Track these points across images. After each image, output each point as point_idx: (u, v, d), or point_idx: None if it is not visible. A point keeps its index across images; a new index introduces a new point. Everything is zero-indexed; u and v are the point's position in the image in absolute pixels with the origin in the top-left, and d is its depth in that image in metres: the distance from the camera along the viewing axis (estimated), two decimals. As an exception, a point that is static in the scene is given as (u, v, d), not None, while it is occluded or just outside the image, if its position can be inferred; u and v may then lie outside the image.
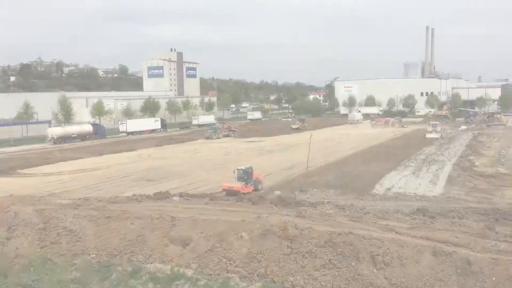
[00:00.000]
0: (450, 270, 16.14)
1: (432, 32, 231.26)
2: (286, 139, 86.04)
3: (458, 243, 18.35)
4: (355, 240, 17.91)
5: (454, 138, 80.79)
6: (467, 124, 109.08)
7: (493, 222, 26.98)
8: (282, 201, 32.13)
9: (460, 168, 48.70)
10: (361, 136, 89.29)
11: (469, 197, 36.38)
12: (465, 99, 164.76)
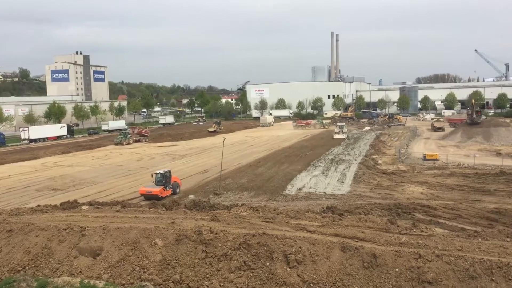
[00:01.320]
0: (358, 264, 16.93)
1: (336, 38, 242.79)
2: (199, 143, 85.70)
3: (365, 238, 19.30)
4: (268, 240, 18.24)
5: (359, 138, 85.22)
6: (371, 125, 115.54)
7: (395, 216, 28.90)
8: (197, 205, 32.00)
9: (365, 167, 51.46)
10: (273, 138, 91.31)
11: (373, 194, 38.55)
12: (368, 101, 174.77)
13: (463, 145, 70.01)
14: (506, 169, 47.74)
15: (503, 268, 15.30)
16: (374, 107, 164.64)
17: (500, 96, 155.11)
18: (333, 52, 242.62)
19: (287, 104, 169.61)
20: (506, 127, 77.06)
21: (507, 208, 32.25)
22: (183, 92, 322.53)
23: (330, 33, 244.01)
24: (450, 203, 33.98)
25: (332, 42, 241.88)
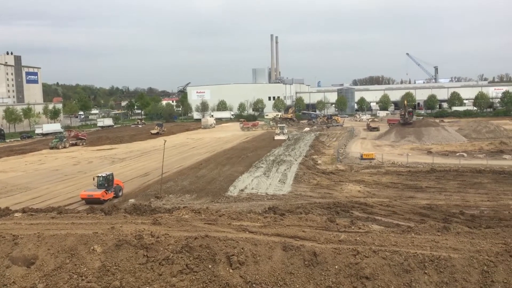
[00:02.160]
0: (299, 262, 17.22)
1: (276, 40, 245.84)
2: (139, 146, 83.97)
3: (305, 237, 19.68)
4: (211, 242, 18.19)
5: (299, 139, 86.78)
6: (310, 126, 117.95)
7: (334, 214, 29.70)
8: (137, 209, 31.39)
9: (305, 167, 52.49)
10: (215, 140, 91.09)
11: (313, 193, 39.42)
12: (308, 103, 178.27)
13: (397, 145, 73.07)
14: (436, 167, 50.33)
15: (434, 261, 16.08)
16: (313, 108, 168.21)
17: (430, 97, 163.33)
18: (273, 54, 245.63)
19: (228, 106, 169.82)
20: (436, 127, 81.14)
21: (438, 204, 34.07)
22: (122, 94, 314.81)
23: (270, 35, 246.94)
24: (385, 201, 35.37)
25: (272, 44, 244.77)
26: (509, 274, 14.94)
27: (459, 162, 52.51)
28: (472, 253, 16.47)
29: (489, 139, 75.78)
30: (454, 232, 19.81)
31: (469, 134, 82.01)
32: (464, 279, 15.13)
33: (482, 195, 37.13)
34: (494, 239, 18.28)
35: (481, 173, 46.13)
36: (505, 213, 31.05)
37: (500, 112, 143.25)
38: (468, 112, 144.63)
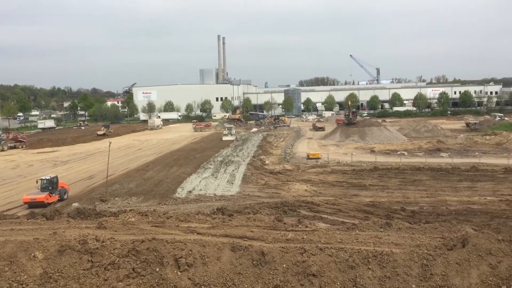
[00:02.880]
0: (247, 262, 17.32)
1: (223, 41, 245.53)
2: (83, 148, 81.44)
3: (254, 237, 19.81)
4: (158, 245, 17.96)
5: (247, 139, 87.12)
6: (258, 126, 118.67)
7: (282, 214, 30.08)
8: (81, 214, 30.47)
9: (253, 167, 52.80)
10: (162, 141, 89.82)
11: (261, 193, 39.74)
12: (255, 103, 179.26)
13: (342, 144, 74.94)
14: (379, 165, 52.03)
15: (377, 256, 16.62)
16: (261, 109, 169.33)
17: (373, 98, 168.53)
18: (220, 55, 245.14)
19: (175, 107, 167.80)
20: (378, 126, 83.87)
21: (381, 201, 35.26)
22: (65, 94, 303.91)
23: (217, 36, 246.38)
24: (331, 199, 36.20)
25: (219, 45, 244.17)
26: (446, 266, 15.69)
27: (400, 161, 54.54)
28: (412, 248, 17.17)
29: (428, 138, 79.26)
30: (396, 228, 20.56)
31: (409, 133, 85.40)
32: (405, 272, 15.75)
33: (422, 191, 38.76)
34: (432, 234, 19.14)
35: (420, 171, 48.14)
36: (443, 209, 32.58)
37: (437, 112, 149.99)
38: (408, 112, 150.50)
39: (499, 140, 69.45)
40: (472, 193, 37.43)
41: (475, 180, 42.72)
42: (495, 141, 69.69)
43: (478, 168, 48.33)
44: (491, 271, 15.28)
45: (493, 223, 28.38)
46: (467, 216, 30.43)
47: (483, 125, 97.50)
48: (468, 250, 16.19)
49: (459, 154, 59.06)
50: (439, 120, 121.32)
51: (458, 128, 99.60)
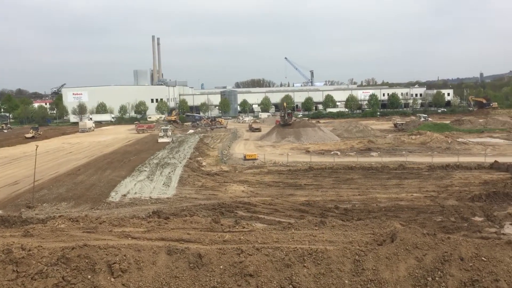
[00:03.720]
0: (184, 265, 17.13)
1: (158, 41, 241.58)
2: (6, 152, 77.01)
3: (190, 239, 19.63)
4: (90, 252, 17.35)
5: (184, 141, 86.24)
6: (194, 128, 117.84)
7: (219, 215, 30.01)
8: (5, 222, 28.84)
9: (190, 169, 52.32)
10: (94, 144, 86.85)
11: (198, 195, 39.46)
12: (191, 105, 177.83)
13: (278, 145, 76.03)
14: (313, 165, 53.27)
15: (312, 254, 17.00)
16: (197, 110, 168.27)
17: (307, 100, 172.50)
18: (155, 56, 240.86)
19: (108, 108, 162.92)
20: (313, 127, 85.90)
21: (315, 200, 36.10)
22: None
23: (152, 36, 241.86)
24: (268, 199, 36.59)
25: (153, 46, 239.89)
26: (377, 261, 16.33)
27: (333, 160, 56.14)
28: (345, 244, 17.72)
29: (359, 138, 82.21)
30: (330, 225, 21.15)
31: (341, 133, 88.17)
32: (338, 269, 16.22)
33: (354, 189, 40.11)
34: (364, 230, 19.86)
35: (353, 170, 49.80)
36: (373, 206, 33.89)
37: (368, 113, 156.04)
38: (341, 113, 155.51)
39: (423, 140, 73.26)
40: (400, 190, 39.21)
41: (403, 177, 44.79)
42: (420, 140, 73.45)
43: (405, 166, 50.71)
44: (417, 264, 16.07)
45: (419, 218, 29.85)
46: (395, 212, 31.83)
47: (409, 125, 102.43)
48: (396, 244, 16.94)
49: (388, 153, 61.69)
50: (369, 120, 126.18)
51: (386, 129, 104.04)
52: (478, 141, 74.08)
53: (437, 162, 52.29)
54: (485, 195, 34.94)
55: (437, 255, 16.31)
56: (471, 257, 16.18)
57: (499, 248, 16.75)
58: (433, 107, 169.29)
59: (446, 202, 34.25)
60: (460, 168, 48.71)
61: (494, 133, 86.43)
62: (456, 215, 30.40)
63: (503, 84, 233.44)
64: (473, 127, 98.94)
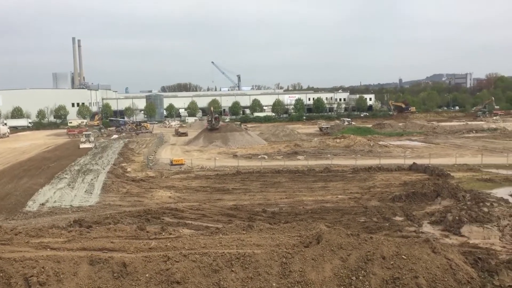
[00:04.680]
0: (108, 275, 16.51)
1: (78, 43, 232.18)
2: None
3: (114, 248, 18.96)
4: (4, 265, 16.24)
5: (107, 147, 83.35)
6: (119, 133, 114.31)
7: (145, 222, 29.26)
8: None
9: (114, 176, 50.60)
10: (9, 151, 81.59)
11: (123, 202, 38.25)
12: (115, 109, 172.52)
13: (205, 149, 75.68)
14: (241, 169, 53.54)
15: (240, 258, 16.98)
16: (122, 115, 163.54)
17: (234, 104, 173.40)
18: (75, 58, 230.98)
19: (25, 113, 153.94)
20: (240, 131, 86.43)
21: (243, 204, 36.24)
22: None
23: (72, 38, 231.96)
24: (195, 204, 36.23)
25: (74, 48, 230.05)
26: (303, 263, 16.63)
27: (261, 164, 56.74)
28: (273, 247, 17.90)
29: (286, 141, 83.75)
30: (257, 229, 21.29)
31: (269, 137, 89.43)
32: (266, 272, 16.33)
33: (281, 193, 40.71)
34: (291, 233, 20.18)
35: (280, 173, 50.57)
36: (300, 208, 34.57)
37: (294, 117, 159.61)
38: (268, 118, 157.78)
39: (347, 143, 76.03)
40: (325, 193, 40.33)
41: (328, 180, 46.12)
42: (344, 143, 76.15)
43: (330, 169, 52.31)
44: (342, 264, 16.55)
45: (343, 219, 30.82)
46: (321, 214, 32.65)
47: (334, 129, 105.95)
48: (322, 246, 17.35)
49: (314, 156, 63.33)
50: (295, 124, 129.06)
51: (312, 132, 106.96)
52: (398, 144, 78.08)
53: (360, 164, 54.42)
54: (405, 195, 36.77)
55: (360, 254, 16.90)
56: (392, 256, 16.94)
57: (417, 246, 17.67)
58: (356, 111, 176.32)
59: (369, 203, 35.66)
60: (382, 170, 50.97)
61: (413, 136, 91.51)
62: (378, 215, 31.72)
63: (420, 89, 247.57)
64: (393, 130, 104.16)
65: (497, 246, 25.13)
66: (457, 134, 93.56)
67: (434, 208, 33.43)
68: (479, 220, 28.54)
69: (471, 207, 31.58)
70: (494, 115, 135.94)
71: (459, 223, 28.44)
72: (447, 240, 26.09)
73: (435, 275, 16.13)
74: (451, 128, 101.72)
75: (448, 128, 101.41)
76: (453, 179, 44.03)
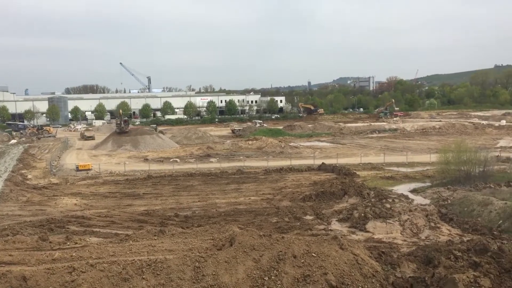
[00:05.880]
0: (5, 291, 15.25)
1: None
2: None
3: (13, 261, 17.64)
4: None
5: (4, 153, 77.23)
6: (18, 138, 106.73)
7: (48, 232, 27.42)
8: None
9: (12, 183, 47.04)
10: None
11: (23, 212, 35.68)
12: (14, 112, 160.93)
13: (114, 154, 72.93)
14: (152, 173, 52.27)
15: (151, 265, 16.47)
16: (21, 118, 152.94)
17: (145, 107, 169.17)
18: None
19: None
20: (151, 134, 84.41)
21: (155, 209, 35.34)
22: None
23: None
24: (103, 211, 34.72)
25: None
26: (216, 266, 16.47)
27: (173, 168, 55.78)
28: (185, 252, 17.55)
29: (198, 144, 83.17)
30: (169, 234, 20.80)
31: (181, 140, 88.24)
32: (179, 277, 15.96)
33: (194, 196, 40.26)
34: (204, 236, 19.94)
35: (192, 176, 50.04)
36: (213, 211, 34.41)
37: (206, 120, 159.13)
38: (180, 120, 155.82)
39: (259, 145, 77.14)
40: (238, 195, 40.50)
41: (241, 182, 46.40)
42: (256, 145, 77.17)
43: (243, 171, 52.69)
44: (255, 265, 16.62)
45: (256, 221, 31.12)
46: (234, 216, 32.72)
47: (246, 131, 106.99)
48: (235, 248, 17.31)
49: (227, 159, 63.47)
50: (208, 127, 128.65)
51: (225, 134, 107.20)
52: (308, 145, 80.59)
53: (272, 165, 55.40)
54: (315, 195, 37.98)
55: (272, 254, 17.09)
56: (303, 254, 17.32)
57: (326, 243, 18.25)
58: (268, 113, 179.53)
59: (281, 204, 36.34)
60: (293, 170, 52.25)
61: (321, 137, 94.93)
62: (290, 215, 32.43)
63: (328, 92, 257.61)
64: (303, 132, 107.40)
65: (398, 240, 26.74)
66: (361, 135, 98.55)
67: (341, 206, 34.86)
68: (382, 216, 30.23)
69: (375, 204, 33.38)
70: (394, 116, 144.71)
71: (365, 219, 29.91)
72: (354, 236, 27.29)
73: (343, 270, 16.72)
74: (356, 129, 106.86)
75: (353, 129, 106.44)
76: (359, 177, 46.27)
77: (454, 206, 33.11)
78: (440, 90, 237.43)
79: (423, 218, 29.91)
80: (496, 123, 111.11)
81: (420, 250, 21.38)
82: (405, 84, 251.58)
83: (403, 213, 30.66)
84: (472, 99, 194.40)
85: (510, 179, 40.49)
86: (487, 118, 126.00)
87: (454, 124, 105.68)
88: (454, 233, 27.67)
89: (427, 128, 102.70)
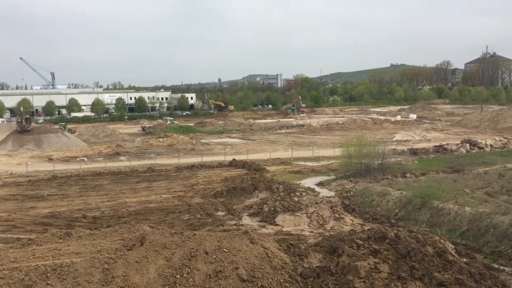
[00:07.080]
0: None
1: None
2: None
3: None
4: None
5: None
6: None
7: None
8: None
9: None
10: None
11: None
12: None
13: (15, 154, 68.55)
14: (57, 173, 49.86)
15: (57, 269, 15.95)
16: None
17: (49, 104, 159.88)
18: None
19: None
20: (56, 133, 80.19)
21: (61, 211, 33.86)
22: None
23: None
24: (3, 215, 32.73)
25: None
26: (127, 267, 16.29)
27: (80, 167, 53.60)
28: (93, 254, 17.14)
29: (107, 142, 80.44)
30: (76, 236, 20.13)
31: (88, 139, 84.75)
32: (87, 281, 15.58)
33: (103, 196, 39.07)
34: (113, 237, 19.56)
35: (101, 176, 48.43)
36: (123, 211, 33.69)
37: (115, 117, 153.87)
38: (87, 118, 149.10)
39: (170, 142, 76.28)
40: (149, 193, 39.92)
41: (152, 180, 45.73)
42: (167, 143, 76.22)
43: (154, 168, 51.93)
44: (166, 264, 16.67)
45: (168, 219, 30.99)
46: (145, 215, 32.29)
47: (156, 128, 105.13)
48: (146, 247, 17.23)
49: (137, 157, 62.13)
50: (117, 124, 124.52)
51: (135, 132, 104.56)
52: (219, 141, 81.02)
53: (184, 162, 55.12)
54: (226, 190, 38.47)
55: (184, 252, 17.23)
56: (215, 250, 17.65)
57: (237, 238, 18.73)
58: (178, 110, 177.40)
59: (192, 201, 36.40)
60: (204, 167, 52.37)
61: (232, 134, 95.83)
62: (202, 212, 32.65)
63: (238, 89, 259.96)
64: (214, 128, 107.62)
65: (306, 231, 28.01)
66: (270, 131, 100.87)
67: (252, 201, 35.69)
68: (290, 209, 31.48)
69: (284, 197, 34.63)
70: (301, 113, 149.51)
71: (274, 213, 30.96)
72: (264, 230, 28.16)
73: (253, 264, 17.28)
74: (266, 125, 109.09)
75: (263, 125, 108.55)
76: (268, 172, 47.57)
77: (356, 197, 35.29)
78: (343, 87, 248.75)
79: (328, 209, 31.58)
80: (393, 118, 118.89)
81: (326, 240, 22.56)
82: (310, 81, 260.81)
83: (310, 205, 32.15)
84: (371, 96, 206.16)
85: (405, 171, 43.90)
86: (385, 114, 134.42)
87: (355, 120, 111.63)
88: (356, 223, 29.53)
89: (331, 124, 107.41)
